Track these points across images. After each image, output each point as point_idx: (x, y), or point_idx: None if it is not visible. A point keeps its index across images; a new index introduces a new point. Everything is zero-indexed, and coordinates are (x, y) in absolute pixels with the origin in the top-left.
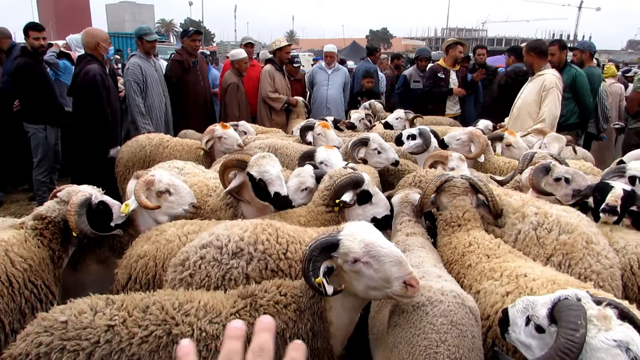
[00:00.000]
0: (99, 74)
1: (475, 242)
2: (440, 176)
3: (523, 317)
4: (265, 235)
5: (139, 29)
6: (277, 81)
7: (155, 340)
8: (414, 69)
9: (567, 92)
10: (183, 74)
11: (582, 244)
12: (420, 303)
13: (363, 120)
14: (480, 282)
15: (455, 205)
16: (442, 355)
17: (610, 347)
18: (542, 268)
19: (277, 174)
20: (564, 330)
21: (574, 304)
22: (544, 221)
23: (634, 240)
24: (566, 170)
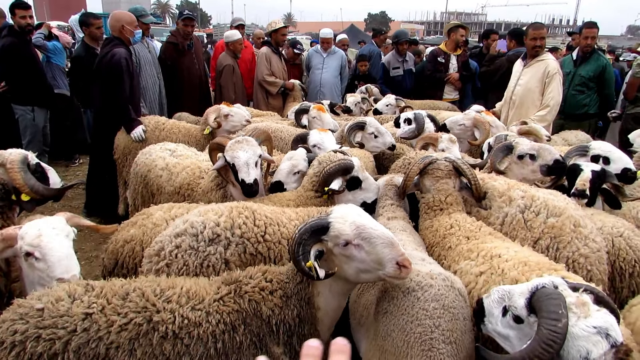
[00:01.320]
0: (124, 57)
1: (457, 224)
2: (424, 158)
3: (499, 308)
4: (241, 219)
5: (133, 10)
6: (273, 64)
7: (135, 327)
8: (392, 54)
9: (591, 82)
10: (178, 56)
11: (570, 227)
12: (410, 288)
13: (359, 104)
14: (458, 262)
15: (437, 189)
16: (437, 340)
17: (591, 334)
18: (517, 249)
19: (245, 160)
20: (545, 321)
21: (552, 292)
22: (531, 204)
23: (611, 223)
24: (530, 147)
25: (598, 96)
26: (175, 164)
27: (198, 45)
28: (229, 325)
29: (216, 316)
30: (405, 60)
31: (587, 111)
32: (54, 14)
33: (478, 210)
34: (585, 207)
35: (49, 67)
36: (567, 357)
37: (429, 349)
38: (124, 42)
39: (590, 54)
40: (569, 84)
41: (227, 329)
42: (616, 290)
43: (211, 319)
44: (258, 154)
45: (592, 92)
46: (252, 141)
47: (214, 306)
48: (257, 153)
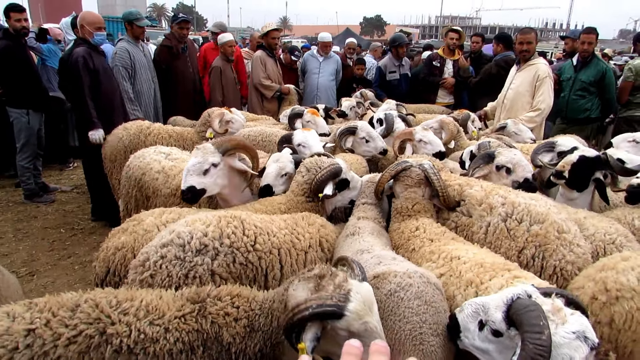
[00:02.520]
0: (81, 56)
1: (422, 227)
2: (398, 164)
3: (475, 322)
4: (230, 229)
5: (128, 13)
6: (268, 67)
7: (86, 340)
8: (388, 58)
9: (592, 87)
10: (172, 59)
11: (554, 235)
12: (391, 290)
13: (354, 109)
14: (421, 264)
15: (406, 197)
16: (426, 334)
17: (571, 340)
18: (476, 251)
19: (187, 166)
20: (529, 335)
21: (530, 304)
22: (512, 211)
23: (603, 228)
24: (509, 160)
25: (599, 100)
26: (172, 167)
27: (192, 49)
28: (187, 345)
29: (175, 334)
30: (402, 65)
31: (589, 115)
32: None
33: (458, 216)
34: (578, 209)
35: (44, 70)
36: None
37: (420, 343)
38: (87, 42)
39: (590, 59)
40: (570, 89)
41: (184, 348)
42: None
43: (169, 336)
44: (210, 162)
45: (593, 96)
46: (208, 148)
47: (174, 323)
48: (209, 161)
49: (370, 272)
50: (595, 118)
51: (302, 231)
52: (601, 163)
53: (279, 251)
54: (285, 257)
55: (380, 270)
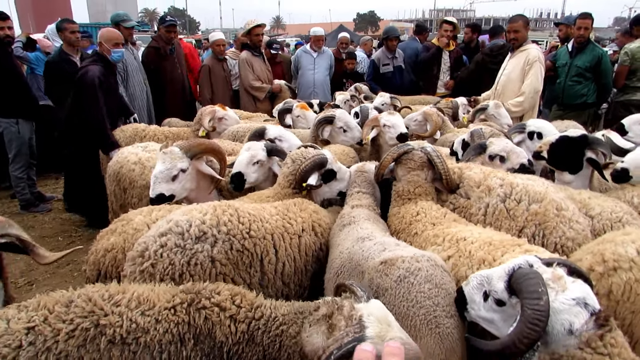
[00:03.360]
0: (97, 76)
1: (423, 211)
2: (400, 147)
3: (480, 293)
4: (226, 217)
5: (115, 15)
6: (256, 68)
7: (82, 333)
8: (382, 51)
9: (588, 73)
10: (160, 60)
11: (553, 212)
12: (401, 276)
13: (348, 102)
14: (425, 248)
15: (408, 180)
16: (441, 317)
17: (571, 306)
18: (480, 230)
19: (155, 173)
20: (527, 301)
21: (530, 272)
22: (511, 192)
23: (609, 207)
24: (502, 149)
25: (596, 86)
26: (149, 158)
27: (180, 50)
28: (177, 337)
29: (164, 324)
30: (395, 57)
31: (585, 101)
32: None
33: (456, 198)
34: (581, 190)
35: (33, 79)
36: (552, 332)
37: (436, 326)
38: (103, 58)
39: (586, 44)
40: (566, 75)
41: (174, 340)
42: None
43: (159, 327)
44: (178, 168)
45: (589, 82)
46: (175, 153)
47: (164, 314)
48: (177, 167)
49: (376, 259)
50: (591, 103)
51: (294, 216)
52: (587, 142)
53: (272, 236)
54: (279, 241)
55: (386, 257)
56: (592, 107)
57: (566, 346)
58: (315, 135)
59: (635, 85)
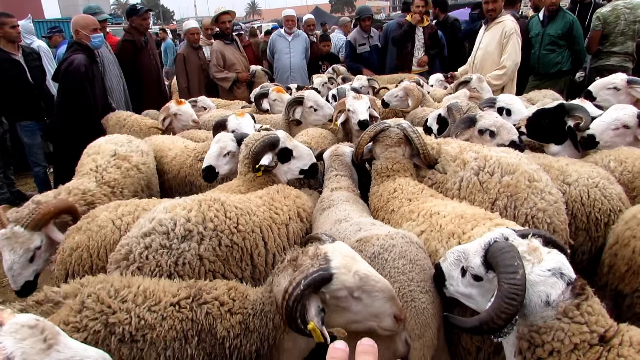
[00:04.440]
0: (83, 64)
1: (400, 188)
2: (377, 125)
3: (457, 269)
4: (212, 212)
5: (87, 8)
6: (229, 56)
7: (94, 337)
8: (357, 31)
9: (561, 40)
10: (136, 53)
11: (525, 184)
12: (375, 252)
13: (326, 84)
14: (401, 224)
15: (386, 157)
16: (415, 291)
17: (547, 277)
18: (454, 205)
19: (8, 268)
20: (504, 276)
21: (505, 245)
22: (484, 165)
23: (586, 173)
24: (492, 123)
25: (570, 53)
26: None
27: (151, 41)
28: (181, 334)
29: (169, 321)
30: (371, 36)
31: (560, 69)
32: None
33: (434, 173)
34: (559, 158)
35: None
36: (529, 304)
37: (411, 300)
38: (83, 46)
39: (556, 12)
40: (539, 44)
41: (178, 336)
42: (592, 239)
43: (164, 323)
44: (32, 249)
45: (563, 49)
46: (19, 236)
47: (169, 310)
48: (30, 248)
49: (352, 238)
50: (567, 71)
51: (280, 205)
52: (565, 110)
53: (261, 229)
54: (267, 232)
55: (362, 235)
56: (567, 74)
57: (544, 317)
58: (287, 117)
59: (609, 49)
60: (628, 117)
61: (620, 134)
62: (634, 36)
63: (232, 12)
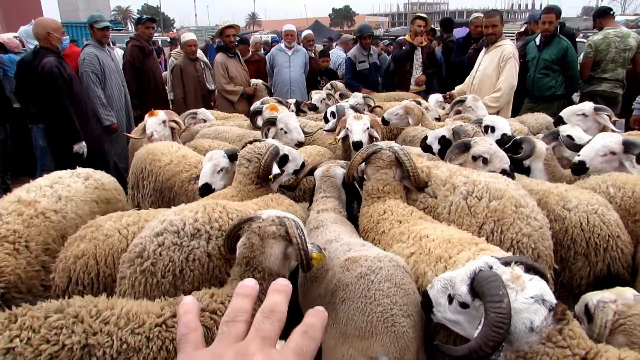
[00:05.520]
0: (55, 65)
1: (390, 209)
2: (368, 147)
3: (444, 296)
4: (217, 214)
5: (90, 17)
6: (231, 69)
7: (67, 354)
8: (357, 48)
9: (555, 65)
10: (144, 59)
11: (511, 209)
12: (362, 273)
13: (325, 101)
14: (391, 245)
15: (377, 178)
16: (397, 315)
17: (530, 304)
18: (443, 228)
19: None
20: (490, 305)
21: (490, 275)
22: (473, 189)
23: (586, 200)
24: (485, 150)
25: (563, 77)
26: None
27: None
28: (172, 353)
29: (157, 342)
30: (370, 54)
31: (554, 92)
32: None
33: (425, 197)
34: (559, 184)
35: (6, 81)
36: (515, 331)
37: (392, 325)
38: (52, 50)
39: (552, 38)
40: (535, 68)
41: (169, 356)
42: (591, 264)
43: (152, 344)
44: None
45: (557, 74)
46: None
47: (155, 331)
48: None
49: (341, 257)
50: (560, 95)
51: None
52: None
53: None
54: None
55: (351, 255)
56: (561, 98)
57: (529, 343)
58: (262, 136)
59: (600, 76)
60: (614, 144)
61: (608, 160)
62: (624, 63)
63: (237, 26)
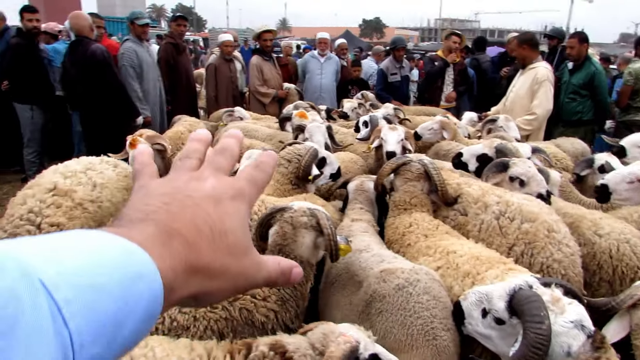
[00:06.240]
0: (105, 50)
1: (416, 223)
2: (398, 158)
3: (478, 310)
4: (256, 207)
5: (131, 13)
6: (266, 72)
7: None
8: (389, 60)
9: (583, 90)
10: (177, 56)
11: (544, 233)
12: (400, 285)
13: (356, 110)
14: (417, 258)
15: (405, 190)
16: (438, 329)
17: (569, 329)
18: (470, 245)
19: None
20: (530, 325)
21: (531, 294)
22: (506, 210)
23: (619, 228)
24: (524, 172)
25: (592, 103)
26: None
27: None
28: (217, 333)
29: (203, 322)
30: (402, 67)
31: (581, 118)
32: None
33: (456, 214)
34: (593, 210)
35: (51, 70)
36: (552, 354)
37: (433, 338)
38: (92, 40)
39: (583, 62)
40: (564, 92)
41: (214, 336)
42: (615, 292)
43: (198, 324)
44: None
45: (585, 99)
46: None
47: (201, 312)
48: None
49: (375, 269)
50: (587, 120)
51: None
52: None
53: None
54: None
55: (386, 267)
56: (588, 124)
57: None
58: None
59: (638, 105)
60: None
61: (635, 187)
62: None
63: (275, 30)
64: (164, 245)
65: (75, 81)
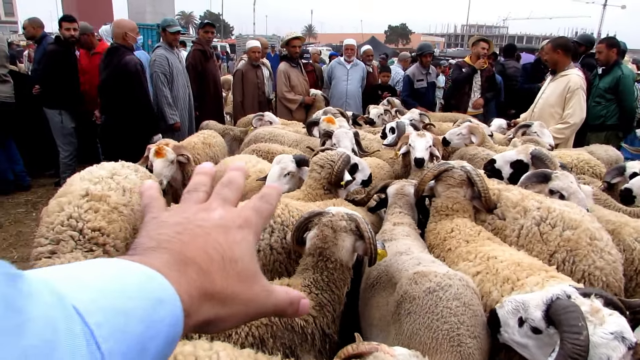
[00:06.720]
0: (139, 63)
1: (457, 228)
2: (441, 164)
3: (515, 318)
4: (279, 210)
5: (163, 21)
6: (293, 79)
7: None
8: (416, 66)
9: (608, 94)
10: (205, 62)
11: (586, 241)
12: (431, 289)
13: (382, 116)
14: (457, 263)
15: (447, 196)
16: (464, 336)
17: (609, 340)
18: (512, 252)
19: None
20: (568, 335)
21: (570, 305)
22: (547, 216)
23: None
24: (566, 187)
25: (618, 108)
26: None
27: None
28: (258, 339)
29: (245, 328)
30: (429, 73)
31: (603, 122)
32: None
33: (493, 218)
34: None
35: None
36: None
37: (458, 344)
38: (128, 49)
39: (612, 67)
40: (592, 96)
41: (255, 342)
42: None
43: (240, 330)
44: None
45: (610, 103)
46: None
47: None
48: None
49: (410, 270)
50: (611, 125)
51: None
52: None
53: None
54: None
55: (420, 269)
56: (611, 129)
57: None
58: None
59: None
60: None
61: None
62: None
63: (303, 37)
64: (180, 272)
65: (105, 86)
